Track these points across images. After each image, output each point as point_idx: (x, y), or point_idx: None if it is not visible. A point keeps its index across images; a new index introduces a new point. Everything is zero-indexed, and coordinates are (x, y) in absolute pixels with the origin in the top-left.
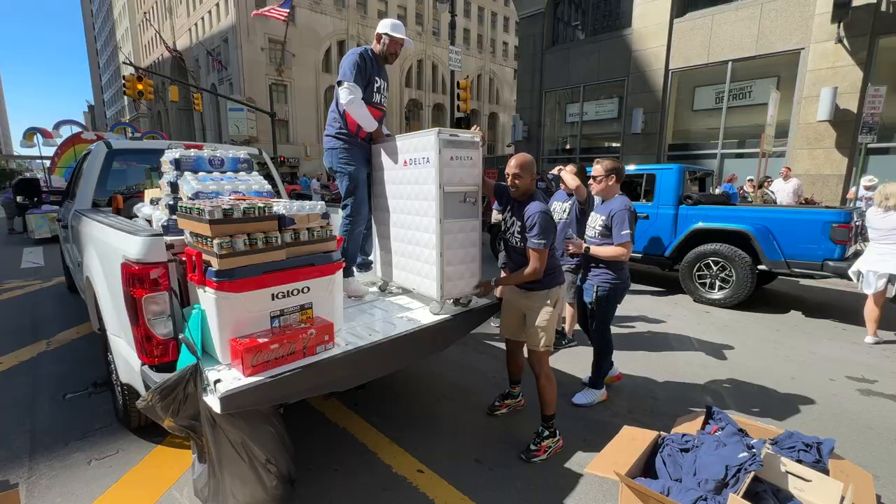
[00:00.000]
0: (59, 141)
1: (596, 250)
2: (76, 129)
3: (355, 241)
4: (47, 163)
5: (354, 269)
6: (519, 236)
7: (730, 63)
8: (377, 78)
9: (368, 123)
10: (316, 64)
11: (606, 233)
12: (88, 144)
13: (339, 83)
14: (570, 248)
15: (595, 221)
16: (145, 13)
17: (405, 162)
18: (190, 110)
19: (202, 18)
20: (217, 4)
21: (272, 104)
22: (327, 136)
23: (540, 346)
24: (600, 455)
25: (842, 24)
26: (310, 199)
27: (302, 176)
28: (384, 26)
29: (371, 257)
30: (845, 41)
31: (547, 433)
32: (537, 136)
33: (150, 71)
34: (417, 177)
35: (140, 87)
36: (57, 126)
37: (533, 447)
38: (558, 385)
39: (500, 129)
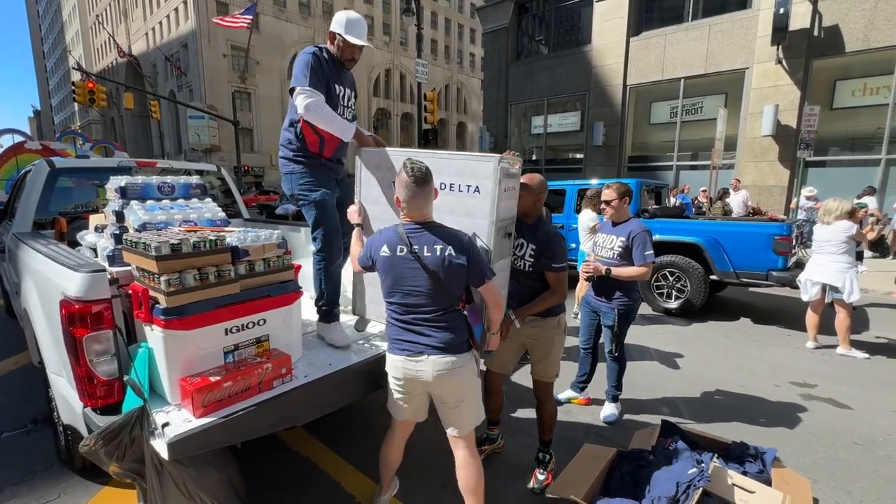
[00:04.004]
0: None
1: (619, 271)
2: (18, 139)
3: (333, 278)
4: None
5: (335, 310)
6: (531, 259)
7: (682, 80)
8: (337, 85)
9: (341, 128)
10: (281, 72)
11: (625, 254)
12: (33, 154)
13: (292, 90)
14: (588, 270)
15: (612, 243)
16: (98, 16)
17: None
18: (146, 117)
19: (160, 23)
20: (176, 9)
21: (235, 112)
22: (283, 158)
23: (552, 377)
24: (562, 475)
25: (780, 47)
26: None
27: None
28: (338, 24)
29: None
30: (784, 62)
31: (549, 458)
32: (504, 147)
33: (102, 77)
34: (456, 206)
35: (91, 86)
36: None
37: (541, 476)
38: (524, 402)
39: (469, 139)
